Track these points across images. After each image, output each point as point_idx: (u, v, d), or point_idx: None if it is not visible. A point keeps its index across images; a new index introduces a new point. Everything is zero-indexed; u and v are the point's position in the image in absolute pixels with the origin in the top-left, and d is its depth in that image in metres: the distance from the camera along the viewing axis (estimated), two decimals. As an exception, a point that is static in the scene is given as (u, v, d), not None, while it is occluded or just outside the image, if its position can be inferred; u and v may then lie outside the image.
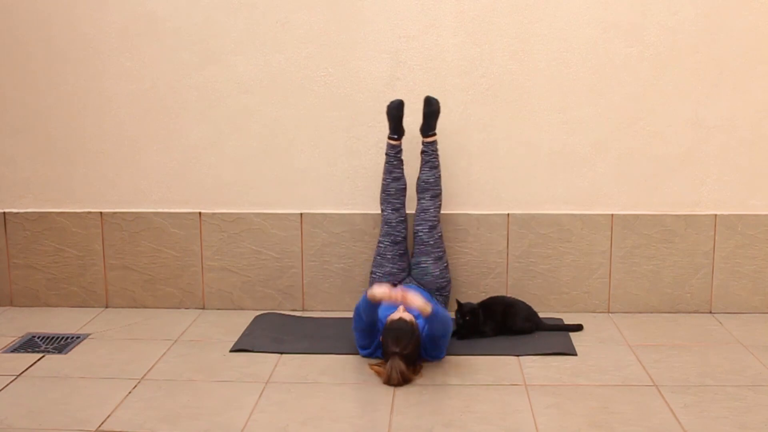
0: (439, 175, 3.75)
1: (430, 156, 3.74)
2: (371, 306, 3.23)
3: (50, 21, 3.95)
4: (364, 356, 3.38)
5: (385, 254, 3.74)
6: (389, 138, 3.75)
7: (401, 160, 3.78)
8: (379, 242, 3.78)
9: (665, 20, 3.79)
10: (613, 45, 3.82)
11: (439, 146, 3.83)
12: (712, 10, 3.77)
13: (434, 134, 3.73)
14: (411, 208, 3.87)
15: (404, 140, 3.83)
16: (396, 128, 3.74)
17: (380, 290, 3.16)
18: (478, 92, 3.88)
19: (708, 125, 3.86)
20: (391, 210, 3.76)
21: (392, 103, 3.72)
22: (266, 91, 3.94)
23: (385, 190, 3.78)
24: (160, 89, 3.97)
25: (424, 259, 3.72)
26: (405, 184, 3.79)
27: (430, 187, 3.74)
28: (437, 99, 3.71)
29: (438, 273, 3.72)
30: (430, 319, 3.18)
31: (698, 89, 3.83)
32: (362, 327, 3.32)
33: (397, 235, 3.75)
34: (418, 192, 3.77)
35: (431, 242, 3.72)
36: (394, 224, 3.75)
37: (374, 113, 3.91)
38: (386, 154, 3.77)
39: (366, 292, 3.22)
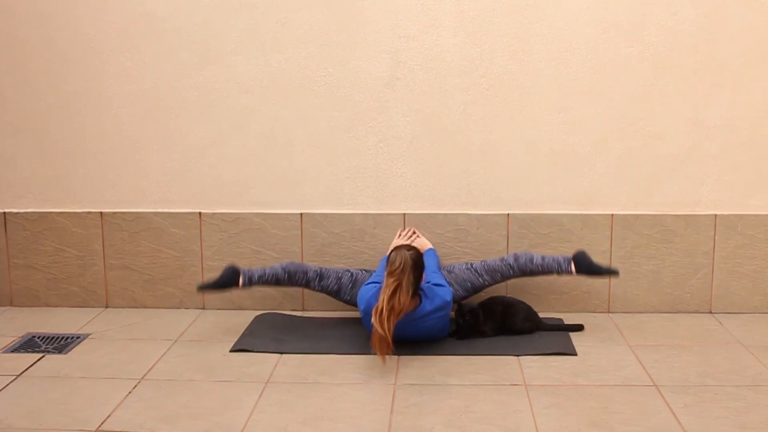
0: (534, 273, 3.76)
1: (552, 270, 3.71)
2: None
3: (50, 21, 3.95)
4: (363, 309, 3.43)
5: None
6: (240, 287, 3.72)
7: (286, 275, 3.75)
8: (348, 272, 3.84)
9: (665, 20, 3.79)
10: (613, 45, 3.82)
11: (438, 146, 3.83)
12: (712, 10, 3.77)
13: (575, 273, 3.68)
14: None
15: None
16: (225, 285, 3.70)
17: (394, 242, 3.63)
18: (478, 92, 3.88)
19: (708, 125, 3.86)
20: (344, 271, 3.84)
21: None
22: (266, 91, 3.94)
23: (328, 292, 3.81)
24: (160, 89, 3.97)
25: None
26: (312, 273, 3.77)
27: (521, 271, 3.75)
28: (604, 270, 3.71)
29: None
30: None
31: (698, 89, 3.83)
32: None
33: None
34: (518, 262, 3.75)
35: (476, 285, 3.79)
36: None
37: (374, 113, 3.91)
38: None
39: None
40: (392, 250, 3.41)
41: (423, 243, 3.86)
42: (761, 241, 3.91)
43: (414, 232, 3.90)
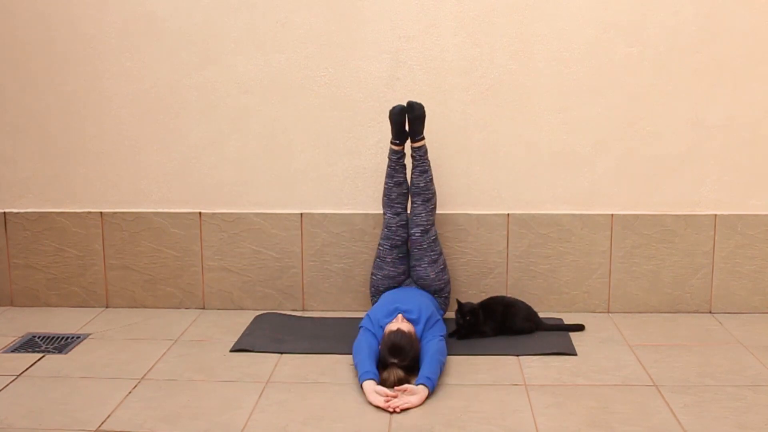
0: (431, 178, 3.74)
1: (419, 161, 3.72)
2: None
3: (50, 21, 3.95)
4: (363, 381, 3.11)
5: (384, 257, 3.74)
6: (392, 143, 3.74)
7: (404, 165, 3.77)
8: (380, 245, 3.78)
9: (665, 20, 3.79)
10: (613, 45, 3.82)
11: (438, 146, 3.84)
12: (712, 10, 3.77)
13: (422, 138, 3.72)
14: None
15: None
16: (398, 133, 3.73)
17: (375, 401, 2.95)
18: (478, 92, 3.88)
19: (708, 125, 3.86)
20: (392, 214, 3.76)
21: (394, 108, 3.71)
22: (266, 91, 3.94)
23: (387, 194, 3.77)
24: (160, 89, 3.97)
25: (418, 262, 3.72)
26: (407, 189, 3.78)
27: (421, 191, 3.73)
28: (421, 103, 3.70)
29: (434, 276, 3.71)
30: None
31: (698, 89, 3.83)
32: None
33: (397, 239, 3.74)
34: (410, 196, 3.77)
35: (425, 245, 3.72)
36: (394, 228, 3.74)
37: (374, 113, 3.91)
38: (389, 158, 3.76)
39: (359, 369, 3.13)
40: (384, 372, 3.12)
41: (419, 397, 3.04)
42: (761, 241, 3.91)
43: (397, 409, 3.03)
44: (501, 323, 3.63)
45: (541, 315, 3.76)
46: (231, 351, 3.50)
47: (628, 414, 2.86)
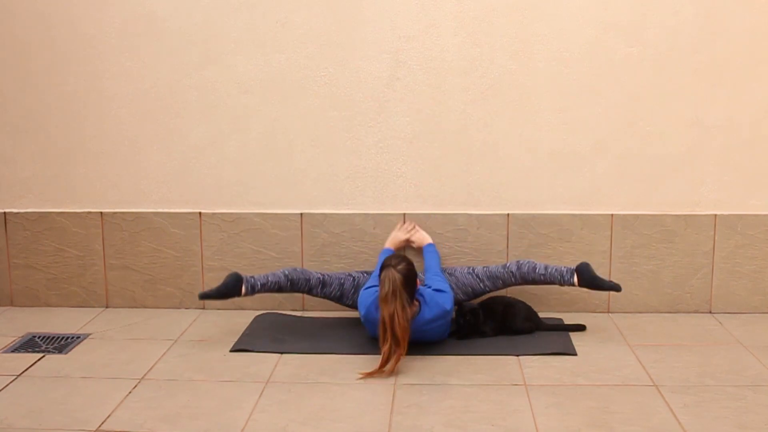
0: (537, 281, 3.74)
1: (554, 280, 3.68)
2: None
3: (50, 21, 3.95)
4: (364, 315, 3.45)
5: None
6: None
7: (288, 282, 3.74)
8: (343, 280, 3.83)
9: (665, 20, 3.79)
10: (613, 45, 3.82)
11: (438, 146, 3.84)
12: (712, 10, 3.77)
13: (577, 285, 3.64)
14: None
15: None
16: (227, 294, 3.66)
17: (398, 234, 3.83)
18: (478, 92, 3.88)
19: (708, 125, 3.86)
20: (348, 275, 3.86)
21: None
22: (266, 91, 3.94)
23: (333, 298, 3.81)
24: (160, 89, 3.97)
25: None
26: (316, 279, 3.76)
27: (523, 280, 3.74)
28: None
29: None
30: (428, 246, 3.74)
31: (698, 89, 3.83)
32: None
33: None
34: (519, 269, 3.73)
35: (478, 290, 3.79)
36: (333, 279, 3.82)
37: (374, 113, 3.91)
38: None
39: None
40: (381, 270, 3.32)
41: (422, 237, 3.89)
42: (761, 241, 3.91)
43: (414, 227, 3.91)
44: (501, 323, 3.63)
45: (541, 315, 3.76)
46: (231, 351, 3.50)
47: (628, 414, 2.86)
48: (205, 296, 3.65)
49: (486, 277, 3.72)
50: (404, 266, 3.31)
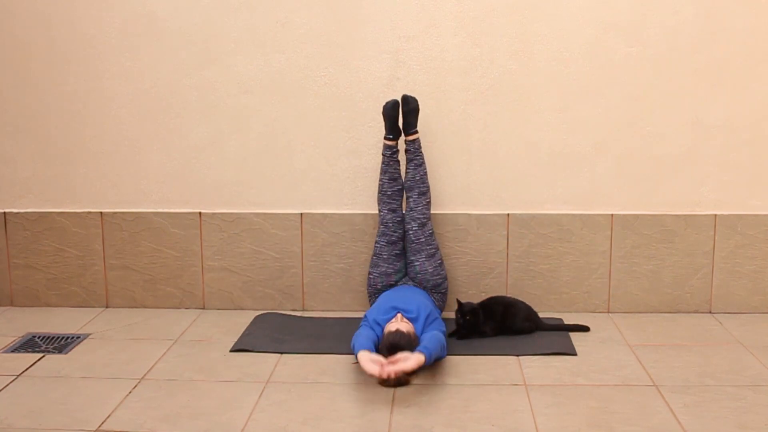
0: (425, 172, 3.76)
1: (413, 154, 3.75)
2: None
3: (51, 21, 3.95)
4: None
5: (381, 254, 3.74)
6: (385, 138, 3.75)
7: (398, 161, 3.78)
8: (376, 242, 3.78)
9: (665, 20, 3.79)
10: (613, 45, 3.82)
11: (438, 146, 3.84)
12: (712, 10, 3.77)
13: (415, 132, 3.75)
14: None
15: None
16: (392, 128, 3.75)
17: (369, 368, 2.99)
18: (478, 92, 3.88)
19: (708, 125, 3.86)
20: (388, 210, 3.76)
21: (388, 103, 3.73)
22: (266, 91, 3.94)
23: (381, 191, 3.78)
24: (160, 89, 3.97)
25: (416, 257, 3.73)
26: (402, 185, 3.79)
27: (416, 185, 3.74)
28: (415, 97, 3.73)
29: (432, 270, 3.71)
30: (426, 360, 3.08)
31: (698, 89, 3.83)
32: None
33: (393, 236, 3.75)
34: (405, 191, 3.78)
35: (422, 239, 3.72)
36: (390, 224, 3.75)
37: (374, 113, 3.91)
38: (383, 154, 3.77)
39: (356, 351, 3.13)
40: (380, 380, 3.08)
41: (415, 360, 3.08)
42: (761, 241, 3.91)
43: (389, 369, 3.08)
44: (501, 323, 3.63)
45: (541, 315, 3.76)
46: (231, 351, 3.50)
47: (628, 414, 2.86)
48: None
49: (407, 223, 3.71)
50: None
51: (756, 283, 3.94)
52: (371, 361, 3.02)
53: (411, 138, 3.74)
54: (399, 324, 3.28)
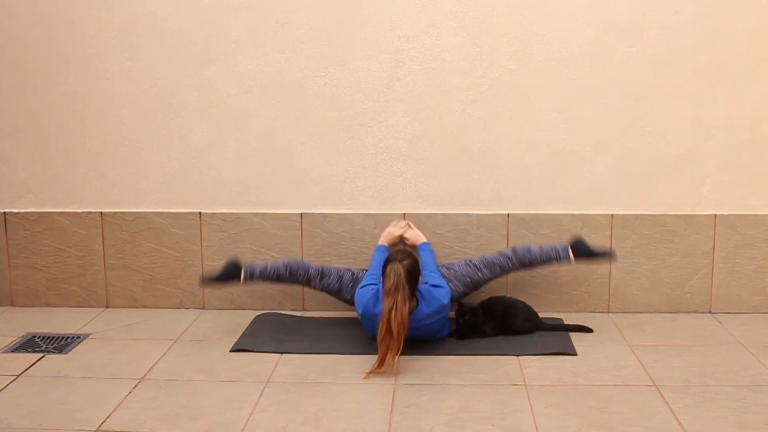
0: (534, 265, 3.79)
1: (552, 258, 3.75)
2: (385, 251, 3.67)
3: (51, 21, 3.95)
4: (361, 313, 3.46)
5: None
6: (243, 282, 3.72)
7: (282, 274, 3.75)
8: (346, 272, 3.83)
9: (665, 20, 3.79)
10: (613, 45, 3.82)
11: (437, 146, 3.84)
12: (712, 10, 3.77)
13: (574, 260, 3.74)
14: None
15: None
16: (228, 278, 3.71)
17: (393, 229, 3.78)
18: (478, 92, 3.88)
19: (708, 125, 3.86)
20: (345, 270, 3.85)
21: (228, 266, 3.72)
22: (266, 91, 3.94)
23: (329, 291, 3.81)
24: (160, 89, 3.97)
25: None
26: (315, 271, 3.76)
27: (520, 264, 3.77)
28: (612, 253, 3.84)
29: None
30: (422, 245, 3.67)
31: (698, 89, 3.83)
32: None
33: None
34: (515, 252, 3.76)
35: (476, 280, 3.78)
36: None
37: (374, 113, 3.91)
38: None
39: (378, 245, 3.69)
40: (386, 264, 3.36)
41: (416, 235, 3.85)
42: (761, 241, 3.91)
43: (408, 224, 3.88)
44: (501, 323, 3.63)
45: (541, 315, 3.76)
46: (231, 351, 3.50)
47: (628, 414, 2.86)
48: (205, 281, 3.74)
49: (483, 265, 3.72)
50: (409, 261, 3.34)
51: (756, 283, 3.94)
52: (391, 227, 3.83)
53: (569, 258, 3.72)
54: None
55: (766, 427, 2.76)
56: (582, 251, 3.71)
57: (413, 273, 3.33)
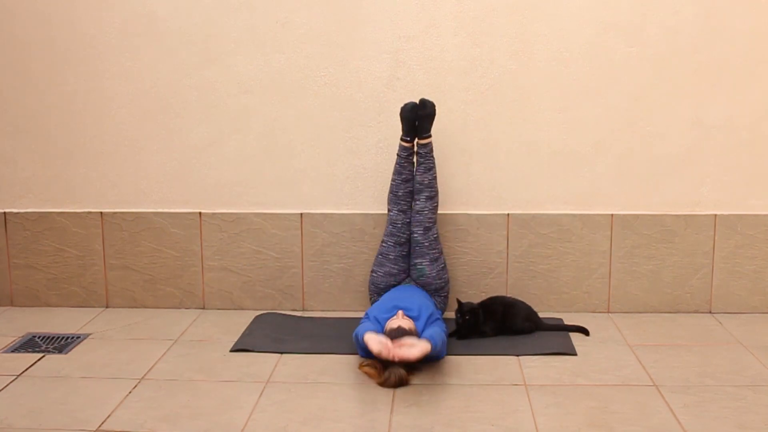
0: (435, 176, 3.74)
1: (424, 158, 3.73)
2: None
3: (51, 21, 3.95)
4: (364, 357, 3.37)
5: (387, 254, 3.74)
6: (402, 139, 3.73)
7: (412, 162, 3.77)
8: (383, 242, 3.77)
9: (665, 20, 3.79)
10: (613, 45, 3.82)
11: (437, 146, 3.84)
12: (712, 10, 3.77)
13: (429, 136, 3.72)
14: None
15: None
16: (410, 130, 3.72)
17: (376, 346, 3.02)
18: (478, 92, 3.88)
19: (708, 125, 3.86)
20: (398, 211, 3.75)
21: (406, 105, 3.70)
22: (266, 91, 3.94)
23: (393, 191, 3.77)
24: (160, 89, 3.97)
25: (420, 260, 3.72)
26: (413, 187, 3.78)
27: (425, 188, 3.73)
28: (432, 102, 3.71)
29: (435, 274, 3.71)
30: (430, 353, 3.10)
31: (698, 89, 3.83)
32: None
33: (401, 237, 3.74)
34: (414, 193, 3.77)
35: (426, 243, 3.71)
36: (399, 225, 3.74)
37: (374, 113, 3.91)
38: (398, 155, 3.76)
39: (361, 334, 3.16)
40: (386, 371, 3.12)
41: (419, 351, 3.08)
42: (761, 241, 3.91)
43: (400, 346, 3.10)
44: (501, 323, 3.63)
45: (541, 315, 3.76)
46: (231, 351, 3.50)
47: (628, 414, 2.86)
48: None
49: (412, 226, 3.71)
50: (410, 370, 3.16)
51: (756, 283, 3.94)
52: (378, 342, 3.03)
53: (424, 141, 3.73)
54: (400, 321, 3.28)
55: (766, 427, 2.76)
56: (421, 128, 3.70)
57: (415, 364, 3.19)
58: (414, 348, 3.03)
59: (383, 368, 3.14)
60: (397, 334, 3.17)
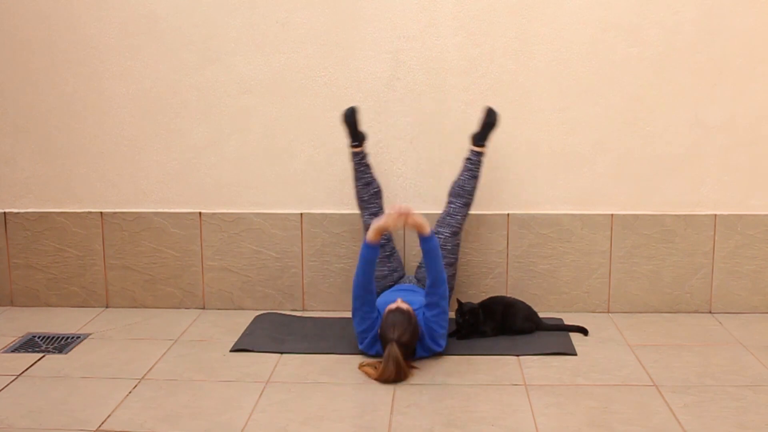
0: (476, 186, 3.73)
1: (474, 164, 3.71)
2: (372, 251, 3.29)
3: (51, 21, 3.95)
4: (363, 349, 3.38)
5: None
6: (351, 146, 3.73)
7: (368, 165, 3.76)
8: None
9: (665, 20, 3.79)
10: (613, 45, 3.82)
11: (437, 146, 3.84)
12: (712, 10, 3.77)
13: (484, 145, 3.71)
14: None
15: (410, 141, 3.85)
16: (354, 135, 3.72)
17: (383, 218, 3.29)
18: (478, 92, 3.88)
19: (708, 125, 3.86)
20: (369, 215, 3.73)
21: (347, 110, 3.70)
22: (266, 91, 3.94)
23: (359, 197, 3.76)
24: (160, 89, 3.97)
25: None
26: (378, 187, 3.77)
27: (464, 193, 3.71)
28: (497, 113, 3.70)
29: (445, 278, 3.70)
30: (428, 240, 3.29)
31: (698, 89, 3.83)
32: (361, 296, 3.31)
33: (381, 239, 3.71)
34: (450, 195, 3.74)
35: (448, 247, 3.69)
36: None
37: (374, 113, 3.91)
38: (352, 161, 3.75)
39: (365, 240, 3.31)
40: (381, 339, 3.23)
41: (420, 224, 3.30)
42: (761, 241, 3.91)
43: (406, 214, 3.31)
44: (501, 323, 3.63)
45: (541, 315, 3.76)
46: (231, 351, 3.50)
47: (628, 414, 2.86)
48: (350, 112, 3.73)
49: (439, 227, 3.71)
50: (407, 336, 3.19)
51: (756, 283, 3.94)
52: (384, 215, 3.32)
53: (478, 149, 3.71)
54: (399, 304, 3.29)
55: (766, 427, 2.76)
56: (479, 136, 3.71)
57: (413, 341, 3.23)
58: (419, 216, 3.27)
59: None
60: (396, 311, 3.23)
